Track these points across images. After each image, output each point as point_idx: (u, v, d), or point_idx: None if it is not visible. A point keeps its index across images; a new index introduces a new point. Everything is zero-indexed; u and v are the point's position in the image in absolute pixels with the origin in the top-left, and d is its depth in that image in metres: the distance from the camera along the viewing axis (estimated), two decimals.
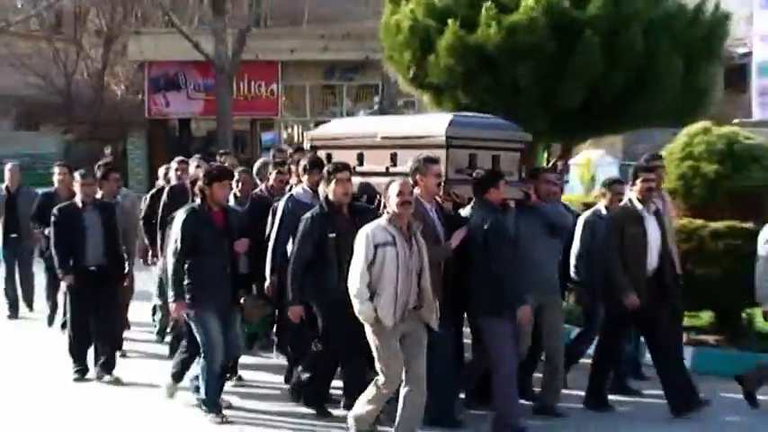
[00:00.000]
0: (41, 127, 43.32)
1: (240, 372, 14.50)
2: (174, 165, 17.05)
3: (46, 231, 17.56)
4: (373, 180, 13.34)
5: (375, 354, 11.06)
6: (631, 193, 13.20)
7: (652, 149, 16.54)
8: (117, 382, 14.51)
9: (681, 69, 19.69)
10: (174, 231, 12.52)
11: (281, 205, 13.71)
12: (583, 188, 29.48)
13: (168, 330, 16.34)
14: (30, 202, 19.14)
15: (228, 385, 13.64)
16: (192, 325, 12.55)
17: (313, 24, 43.30)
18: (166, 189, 16.38)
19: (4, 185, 20.10)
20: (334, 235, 12.04)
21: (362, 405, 11.33)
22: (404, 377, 11.06)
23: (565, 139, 22.14)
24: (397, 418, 11.18)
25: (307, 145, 15.55)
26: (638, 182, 13.08)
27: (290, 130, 46.46)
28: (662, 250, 13.02)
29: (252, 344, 16.34)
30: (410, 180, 11.82)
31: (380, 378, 11.05)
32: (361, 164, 14.02)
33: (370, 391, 11.22)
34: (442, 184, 12.47)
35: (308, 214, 12.40)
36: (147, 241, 16.92)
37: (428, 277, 11.07)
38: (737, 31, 42.98)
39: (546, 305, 12.68)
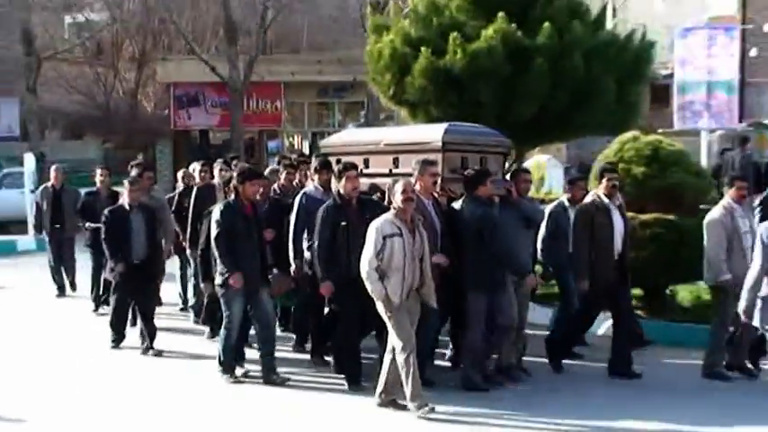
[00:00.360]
0: (84, 137, 43.24)
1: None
2: (197, 167, 16.97)
3: (86, 225, 17.84)
4: (378, 180, 13.45)
5: (389, 324, 11.00)
6: (599, 190, 13.15)
7: (591, 155, 16.62)
8: (159, 354, 14.48)
9: (614, 88, 19.81)
10: (213, 222, 12.53)
11: (296, 201, 13.66)
12: (534, 187, 29.72)
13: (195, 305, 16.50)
14: (72, 199, 19.19)
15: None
16: (221, 300, 12.59)
17: (310, 52, 43.29)
18: (195, 188, 16.34)
19: (50, 184, 20.00)
20: (345, 224, 11.98)
21: (385, 375, 11.26)
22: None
23: (518, 147, 22.11)
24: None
25: (306, 150, 15.66)
26: (604, 180, 13.07)
27: (291, 138, 46.45)
28: (624, 237, 12.98)
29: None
30: (412, 179, 11.83)
31: (397, 346, 10.96)
32: (367, 167, 14.09)
33: (391, 361, 11.13)
34: (439, 182, 12.59)
35: (324, 206, 12.35)
36: (178, 230, 16.79)
37: (428, 262, 11.15)
38: (662, 56, 43.36)
39: (519, 285, 12.58)
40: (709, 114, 35.30)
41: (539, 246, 14.17)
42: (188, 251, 16.40)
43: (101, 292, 17.95)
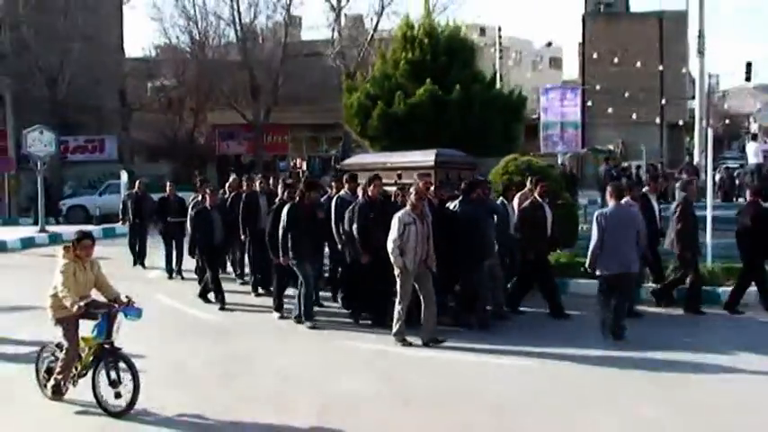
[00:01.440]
0: (159, 160, 42.83)
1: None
2: (238, 180, 16.46)
3: (167, 219, 17.27)
4: (387, 188, 12.55)
5: (399, 284, 10.66)
6: (534, 193, 12.67)
7: (488, 171, 16.36)
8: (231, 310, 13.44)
9: (501, 127, 19.87)
10: (283, 218, 11.94)
11: (333, 203, 12.89)
12: None
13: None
14: (149, 201, 18.48)
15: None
16: (296, 269, 11.94)
17: (306, 104, 43.14)
18: (244, 194, 15.30)
19: (134, 190, 19.15)
20: (372, 215, 11.59)
21: (395, 323, 10.77)
22: (424, 298, 10.65)
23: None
24: (424, 323, 10.69)
25: (304, 167, 15.18)
26: (539, 186, 12.60)
27: (294, 161, 46.22)
28: (552, 224, 12.58)
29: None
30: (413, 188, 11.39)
31: (400, 299, 10.66)
32: (377, 178, 12.89)
33: (397, 313, 10.74)
34: (432, 188, 12.21)
35: (357, 203, 11.92)
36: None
37: (432, 242, 10.69)
38: (532, 106, 43.37)
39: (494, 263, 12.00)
40: (563, 143, 35.52)
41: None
42: (243, 238, 15.15)
43: (173, 266, 17.30)
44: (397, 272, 10.62)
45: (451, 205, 12.00)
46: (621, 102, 42.39)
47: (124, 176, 27.72)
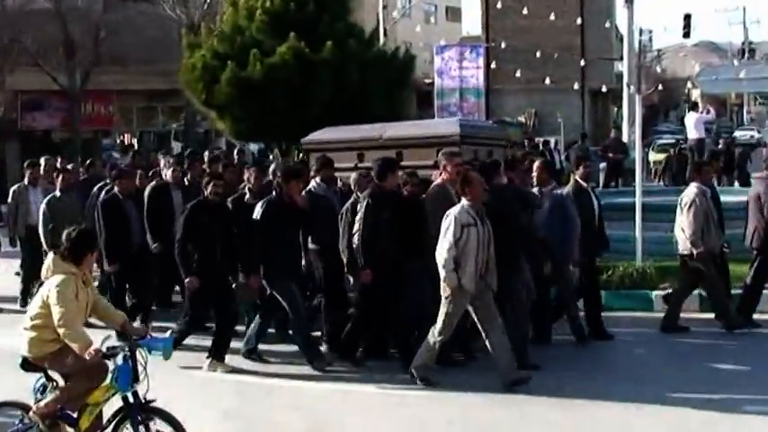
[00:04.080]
0: None
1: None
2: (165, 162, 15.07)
3: None
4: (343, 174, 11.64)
5: (445, 310, 9.49)
6: (575, 175, 12.05)
7: None
8: None
9: (383, 94, 20.16)
10: (257, 219, 10.62)
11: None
12: None
13: None
14: None
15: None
16: (276, 292, 10.60)
17: (137, 65, 42.51)
18: (149, 187, 13.12)
19: None
20: (386, 216, 10.28)
21: (425, 353, 9.74)
22: (487, 328, 9.55)
23: None
24: (496, 359, 9.54)
25: (135, 145, 14.93)
26: (582, 167, 11.94)
27: (121, 137, 45.50)
28: (600, 217, 12.08)
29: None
30: (436, 172, 10.61)
31: (439, 329, 9.54)
32: (361, 161, 12.03)
33: (430, 344, 9.65)
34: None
35: (364, 198, 10.45)
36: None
37: (492, 250, 9.61)
38: (424, 69, 43.98)
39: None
40: (462, 114, 35.99)
41: None
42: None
43: None
44: (446, 293, 9.52)
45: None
46: (533, 63, 43.21)
47: None
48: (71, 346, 6.80)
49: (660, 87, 49.65)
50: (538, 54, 40.58)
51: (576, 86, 42.42)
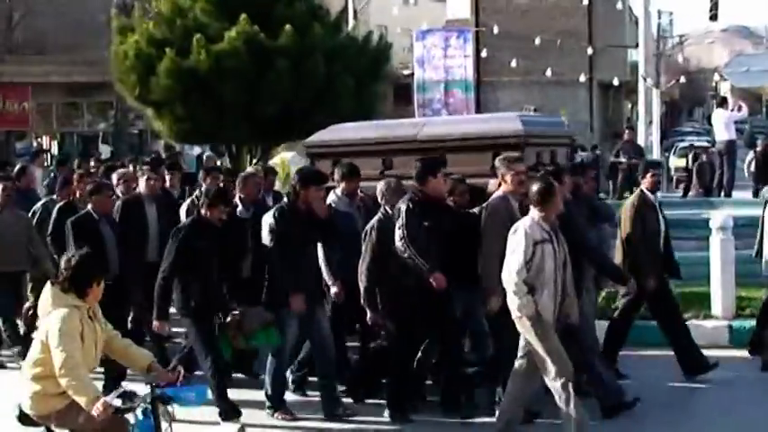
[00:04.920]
0: None
1: None
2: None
3: None
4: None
5: (537, 347, 9.08)
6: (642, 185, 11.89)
7: None
8: None
9: (353, 88, 20.21)
10: (268, 233, 10.43)
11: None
12: (282, 184, 29.68)
13: None
14: None
15: None
16: (285, 321, 10.47)
17: (58, 52, 42.43)
18: (120, 201, 12.97)
19: None
20: (428, 224, 9.96)
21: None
22: (526, 363, 9.24)
23: (264, 144, 22.32)
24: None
25: (55, 151, 14.78)
26: (649, 175, 11.71)
27: (39, 139, 45.32)
28: (666, 234, 11.96)
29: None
30: (493, 180, 10.40)
31: (550, 371, 9.02)
32: (388, 168, 11.70)
33: (559, 391, 9.05)
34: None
35: (399, 210, 10.08)
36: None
37: (570, 272, 9.31)
38: (403, 57, 44.04)
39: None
40: (448, 112, 36.08)
41: None
42: None
43: None
44: (523, 325, 9.15)
45: None
46: (531, 51, 43.40)
47: None
48: (76, 396, 6.55)
49: (683, 80, 49.69)
50: (537, 40, 40.70)
51: (582, 79, 42.69)
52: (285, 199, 10.99)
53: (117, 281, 11.24)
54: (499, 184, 10.21)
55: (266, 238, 10.43)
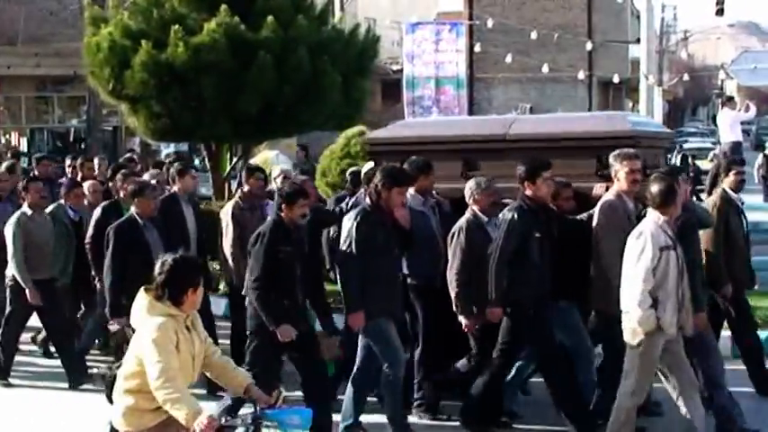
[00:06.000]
0: None
1: None
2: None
3: None
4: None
5: (638, 363, 8.88)
6: (723, 185, 11.62)
7: (320, 150, 16.68)
8: None
9: (339, 83, 20.20)
10: (349, 238, 10.06)
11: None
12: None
13: None
14: None
15: None
16: (370, 338, 10.21)
17: (27, 44, 42.34)
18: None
19: None
20: (538, 235, 9.74)
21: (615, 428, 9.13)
22: (676, 384, 9.04)
23: (245, 142, 22.30)
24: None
25: (24, 148, 14.72)
26: (733, 173, 11.58)
27: (7, 136, 45.23)
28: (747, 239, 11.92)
29: None
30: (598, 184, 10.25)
31: (628, 388, 8.95)
32: (471, 170, 11.33)
33: (620, 410, 9.02)
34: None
35: (510, 213, 9.82)
36: None
37: (687, 280, 9.00)
38: (392, 52, 44.06)
39: None
40: (439, 109, 36.07)
41: None
42: None
43: None
44: (634, 339, 8.91)
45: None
46: (528, 46, 43.52)
47: None
48: (174, 411, 6.44)
49: (686, 78, 49.78)
50: (534, 35, 40.73)
51: (581, 76, 42.75)
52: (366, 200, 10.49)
53: None
54: (607, 188, 10.05)
55: (344, 243, 10.08)
